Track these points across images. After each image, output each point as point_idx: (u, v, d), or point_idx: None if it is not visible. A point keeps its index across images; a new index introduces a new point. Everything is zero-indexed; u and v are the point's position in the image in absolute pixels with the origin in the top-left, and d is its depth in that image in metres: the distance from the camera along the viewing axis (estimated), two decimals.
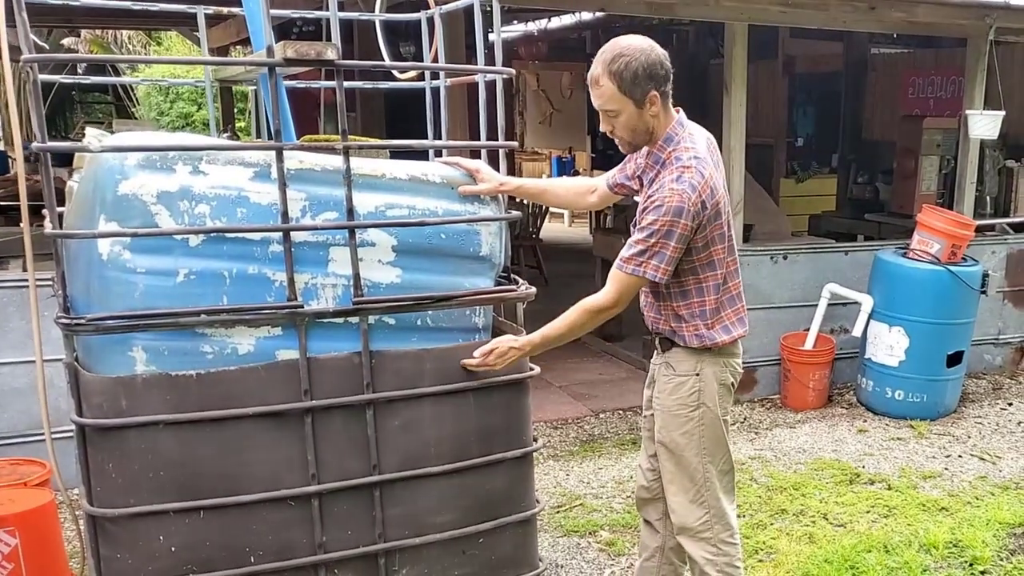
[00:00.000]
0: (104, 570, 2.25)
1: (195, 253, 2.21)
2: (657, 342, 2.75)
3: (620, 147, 2.60)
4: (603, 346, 6.71)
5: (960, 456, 4.84)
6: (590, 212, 12.66)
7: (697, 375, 2.64)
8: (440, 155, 3.07)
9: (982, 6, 5.55)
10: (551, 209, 10.69)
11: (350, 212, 2.30)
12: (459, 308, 2.54)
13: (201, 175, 2.20)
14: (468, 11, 2.92)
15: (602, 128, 2.55)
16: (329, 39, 2.98)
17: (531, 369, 2.66)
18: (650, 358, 2.82)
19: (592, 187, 2.94)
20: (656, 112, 2.46)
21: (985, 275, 5.43)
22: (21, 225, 2.54)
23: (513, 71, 3.11)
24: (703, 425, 2.64)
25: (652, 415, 2.79)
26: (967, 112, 5.88)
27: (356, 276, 2.33)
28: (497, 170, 2.71)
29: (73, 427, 2.20)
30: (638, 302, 2.74)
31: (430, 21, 3.15)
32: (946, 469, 4.65)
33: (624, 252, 2.52)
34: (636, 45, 2.40)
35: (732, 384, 2.71)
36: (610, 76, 2.39)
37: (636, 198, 2.68)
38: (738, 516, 3.02)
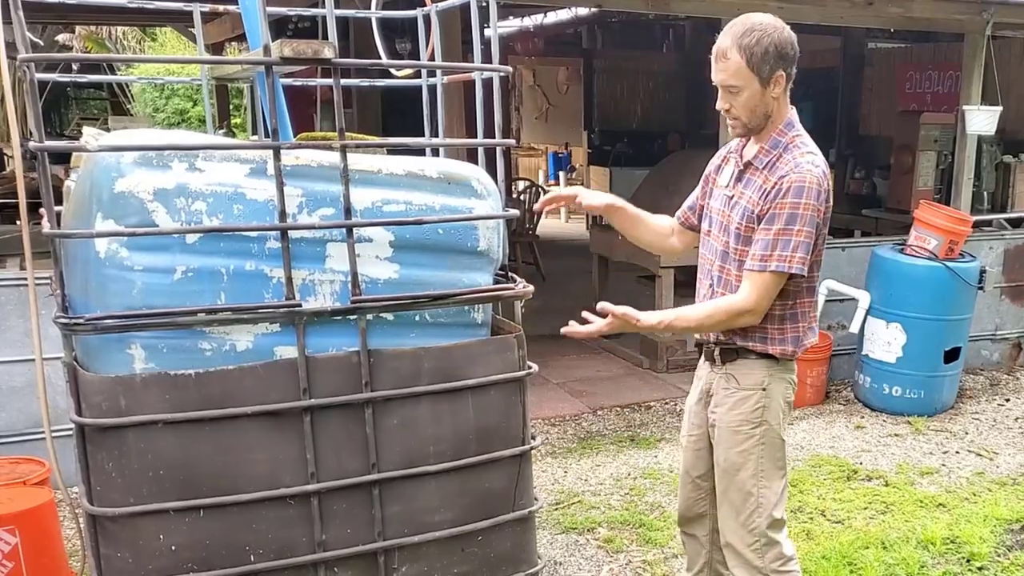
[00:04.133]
0: (104, 569, 2.24)
1: (192, 250, 2.19)
2: (717, 353, 2.55)
3: (731, 129, 2.45)
4: (601, 343, 6.67)
5: (957, 452, 4.85)
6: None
7: (764, 390, 2.48)
8: (437, 153, 3.07)
9: (979, 1, 5.54)
10: None
11: (347, 211, 2.29)
12: (457, 306, 2.53)
13: (197, 172, 2.19)
14: (464, 6, 2.91)
15: (719, 105, 2.40)
16: (325, 36, 2.97)
17: (529, 367, 2.65)
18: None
19: (672, 228, 2.78)
20: (778, 95, 2.36)
21: (982, 271, 5.44)
22: (18, 223, 2.54)
23: (510, 69, 3.10)
24: (763, 444, 2.48)
25: (702, 434, 2.67)
26: (964, 107, 5.89)
27: (354, 275, 2.32)
28: (494, 166, 2.70)
29: (72, 426, 2.20)
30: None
31: (426, 18, 3.15)
32: (943, 465, 4.66)
33: (761, 247, 2.35)
34: (769, 22, 2.32)
35: (791, 403, 2.57)
36: (740, 49, 2.29)
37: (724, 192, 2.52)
38: None
